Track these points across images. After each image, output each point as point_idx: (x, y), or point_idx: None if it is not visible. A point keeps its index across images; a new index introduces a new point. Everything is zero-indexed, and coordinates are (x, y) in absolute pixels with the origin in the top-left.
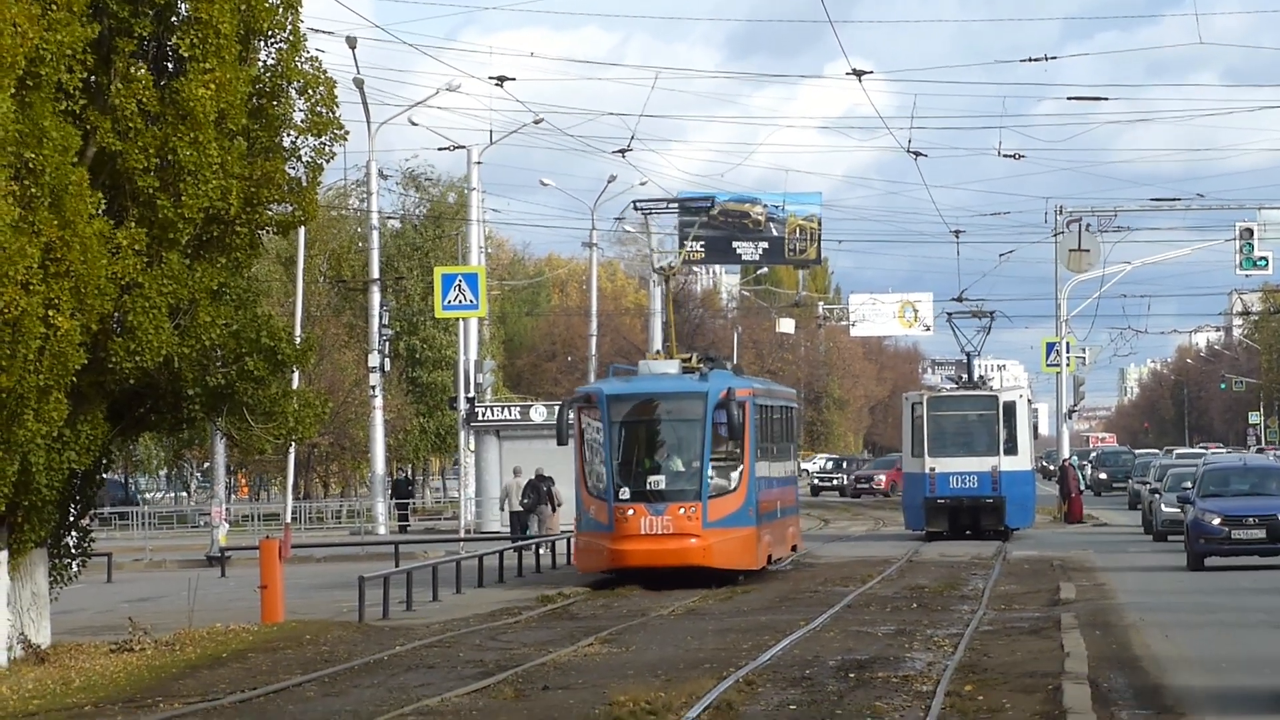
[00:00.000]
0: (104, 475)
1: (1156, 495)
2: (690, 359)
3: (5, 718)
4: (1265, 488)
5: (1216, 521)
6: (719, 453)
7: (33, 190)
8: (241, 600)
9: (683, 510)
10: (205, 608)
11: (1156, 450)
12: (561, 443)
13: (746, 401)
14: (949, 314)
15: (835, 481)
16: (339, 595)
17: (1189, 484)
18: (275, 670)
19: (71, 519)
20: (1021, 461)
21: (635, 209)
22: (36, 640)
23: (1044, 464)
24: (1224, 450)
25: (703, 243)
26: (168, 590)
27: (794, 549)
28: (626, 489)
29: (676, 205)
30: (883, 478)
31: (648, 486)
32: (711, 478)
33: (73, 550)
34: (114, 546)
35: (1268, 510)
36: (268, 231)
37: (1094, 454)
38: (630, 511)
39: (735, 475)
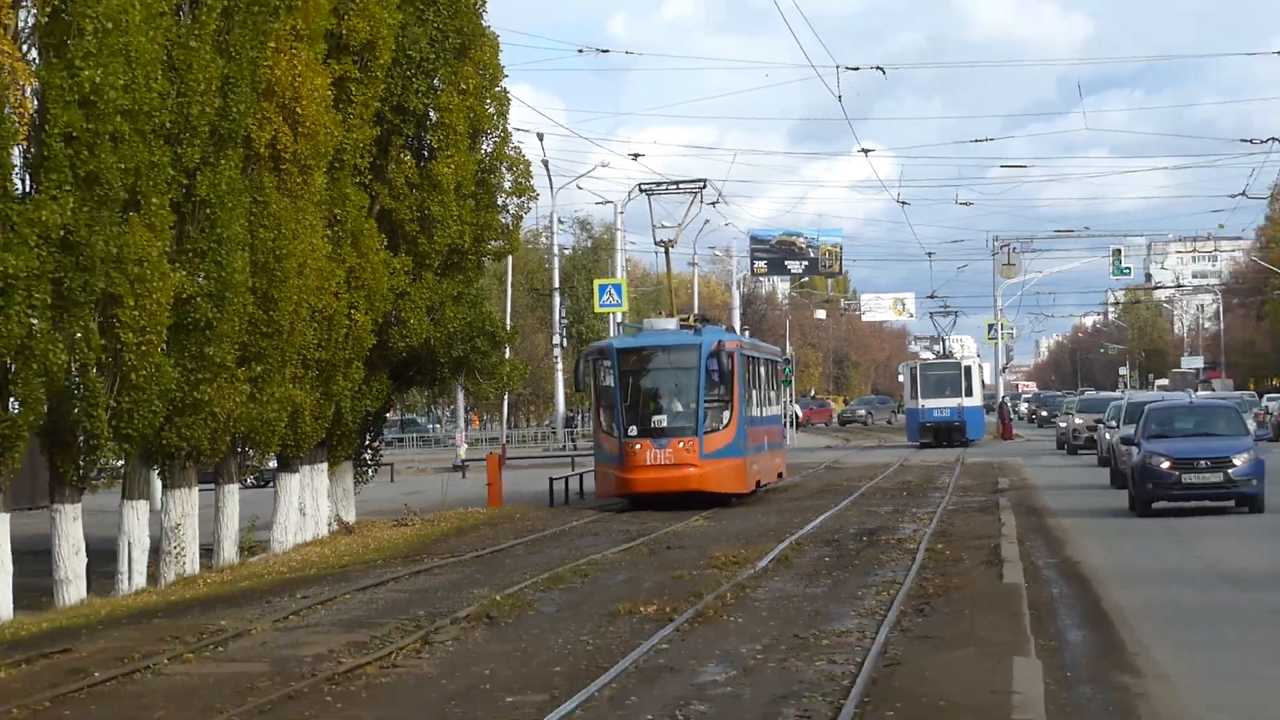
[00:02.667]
0: (387, 415)
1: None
2: (689, 318)
3: (327, 568)
4: (1213, 428)
5: (1166, 465)
6: (712, 396)
7: (339, 234)
8: (475, 493)
9: (682, 444)
10: (452, 498)
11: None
12: (579, 389)
13: (735, 353)
14: (931, 312)
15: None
16: (537, 489)
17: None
18: (497, 538)
19: (368, 442)
20: (975, 401)
21: (640, 191)
22: (346, 519)
23: (988, 401)
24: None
25: (765, 262)
26: (428, 487)
27: (780, 475)
28: (634, 427)
29: (674, 186)
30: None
31: (652, 425)
32: (706, 417)
33: (368, 462)
34: (394, 459)
35: (1220, 452)
36: (488, 258)
37: (1035, 396)
38: (638, 446)
39: (726, 415)
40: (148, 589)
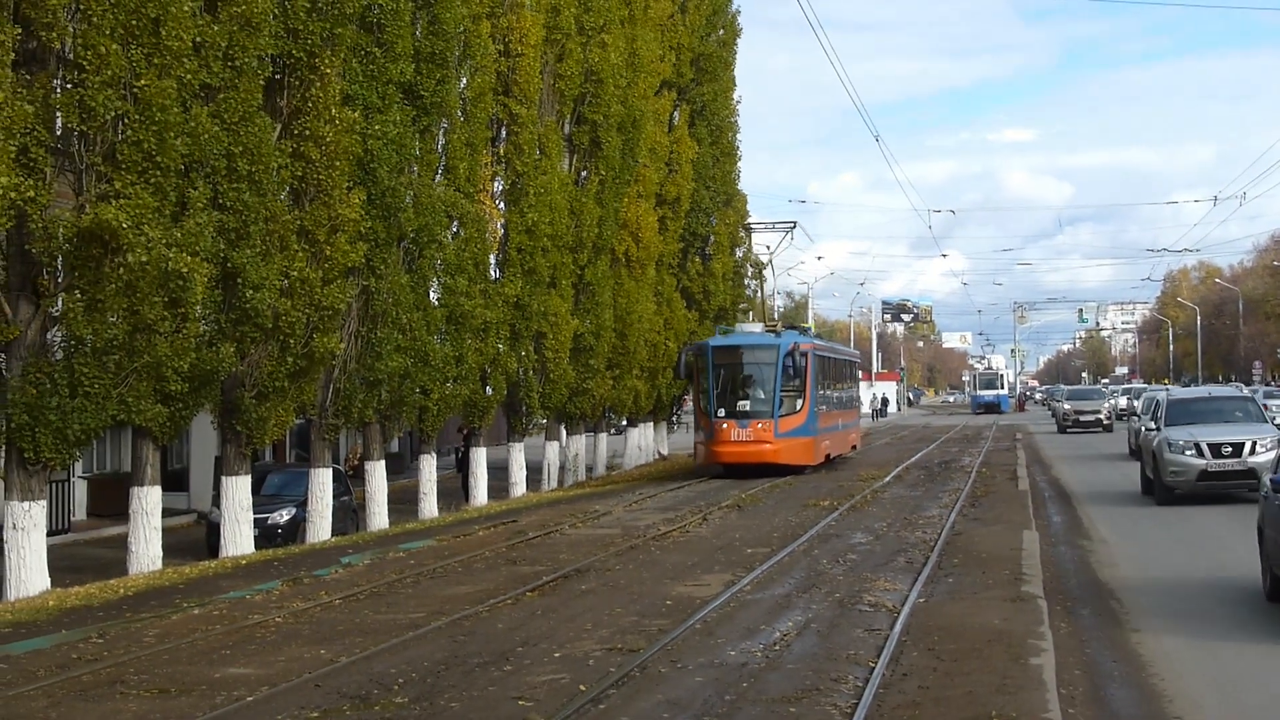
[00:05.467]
0: (684, 396)
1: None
2: (775, 325)
3: (652, 478)
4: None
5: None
6: (788, 386)
7: (660, 300)
8: None
9: (760, 425)
10: None
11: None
12: (679, 378)
13: (809, 353)
14: (982, 345)
15: None
16: None
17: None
18: (690, 470)
19: (674, 411)
20: (1004, 391)
21: (742, 230)
22: (662, 452)
23: (1014, 391)
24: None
25: (890, 315)
26: None
27: (853, 448)
28: (722, 410)
29: (770, 226)
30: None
31: (737, 409)
32: (782, 403)
33: (673, 422)
34: (687, 420)
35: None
36: (739, 312)
37: (1041, 389)
38: (725, 425)
39: (799, 402)
40: (557, 488)
